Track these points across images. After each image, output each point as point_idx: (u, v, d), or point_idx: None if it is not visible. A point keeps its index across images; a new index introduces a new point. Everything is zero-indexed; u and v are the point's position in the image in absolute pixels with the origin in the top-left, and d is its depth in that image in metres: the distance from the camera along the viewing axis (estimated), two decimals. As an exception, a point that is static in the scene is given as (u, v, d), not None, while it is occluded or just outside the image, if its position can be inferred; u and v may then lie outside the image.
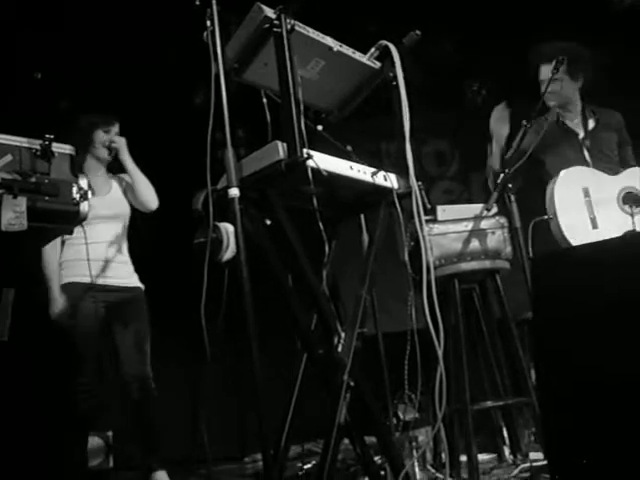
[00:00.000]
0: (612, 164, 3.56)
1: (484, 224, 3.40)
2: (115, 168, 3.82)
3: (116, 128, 3.74)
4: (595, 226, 3.41)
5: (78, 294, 3.50)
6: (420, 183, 2.42)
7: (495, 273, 3.48)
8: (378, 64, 2.59)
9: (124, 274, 3.69)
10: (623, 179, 3.47)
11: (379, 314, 3.47)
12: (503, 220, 3.43)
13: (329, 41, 2.43)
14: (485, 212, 3.35)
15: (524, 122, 3.29)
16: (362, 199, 2.59)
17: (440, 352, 2.29)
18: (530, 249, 3.17)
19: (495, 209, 3.39)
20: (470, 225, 3.38)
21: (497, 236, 3.40)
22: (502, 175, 3.19)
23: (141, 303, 3.70)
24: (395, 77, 2.50)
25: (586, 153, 3.59)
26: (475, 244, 3.37)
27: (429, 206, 2.50)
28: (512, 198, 3.23)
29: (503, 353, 3.61)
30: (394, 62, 2.51)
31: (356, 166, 2.37)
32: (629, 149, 3.71)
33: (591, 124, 3.66)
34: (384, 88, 2.58)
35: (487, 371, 3.73)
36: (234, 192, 2.05)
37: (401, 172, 2.47)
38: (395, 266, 3.04)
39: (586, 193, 3.46)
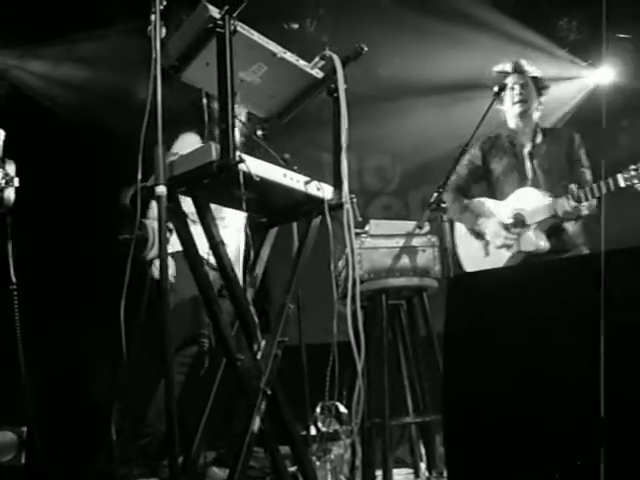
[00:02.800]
0: (557, 181, 3.56)
1: (415, 241, 3.43)
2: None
3: None
4: (487, 253, 3.55)
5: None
6: (353, 196, 2.43)
7: (422, 291, 3.52)
8: (321, 74, 2.59)
9: None
10: (513, 202, 3.58)
11: (306, 324, 3.47)
12: (434, 239, 3.47)
13: (273, 46, 2.42)
14: (417, 230, 3.39)
15: (461, 145, 3.37)
16: (295, 207, 2.58)
17: (360, 366, 2.30)
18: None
19: (427, 227, 3.43)
20: (402, 241, 3.41)
21: (427, 254, 3.44)
22: (435, 194, 3.23)
23: None
24: (336, 89, 2.50)
25: (529, 168, 3.67)
26: (405, 261, 3.39)
27: (360, 219, 2.51)
28: (444, 217, 3.28)
29: (426, 370, 3.64)
30: (337, 73, 2.52)
31: (290, 174, 2.36)
32: (584, 172, 3.62)
33: (539, 138, 3.72)
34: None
35: (410, 387, 3.75)
36: (161, 190, 2.02)
37: (336, 184, 2.47)
38: (326, 277, 3.04)
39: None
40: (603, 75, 6.03)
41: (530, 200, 3.52)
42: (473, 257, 3.54)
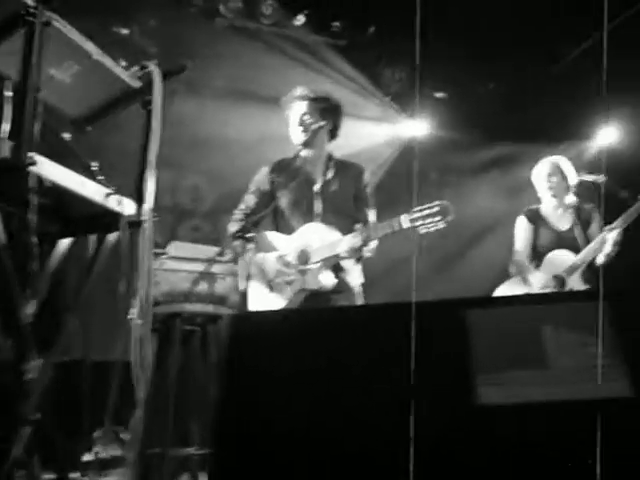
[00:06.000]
0: (345, 219, 3.48)
1: (216, 268, 3.37)
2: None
3: None
4: (272, 289, 3.41)
5: None
6: (155, 214, 2.33)
7: (218, 319, 3.46)
8: (139, 84, 2.48)
9: None
10: (298, 238, 3.43)
11: (95, 340, 3.31)
12: (236, 267, 3.42)
13: (90, 47, 2.28)
14: (218, 256, 3.32)
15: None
16: (93, 219, 2.43)
17: (141, 394, 2.20)
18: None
19: (229, 255, 3.37)
20: (203, 267, 3.33)
21: (227, 282, 3.39)
22: (242, 223, 3.20)
23: None
24: (151, 102, 2.40)
25: (318, 205, 3.52)
26: (203, 287, 3.33)
27: (159, 239, 2.41)
28: (248, 247, 3.23)
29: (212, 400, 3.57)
30: (154, 86, 2.42)
31: (90, 183, 2.21)
32: (369, 214, 3.56)
33: (330, 173, 3.57)
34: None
35: (197, 415, 3.66)
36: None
37: (137, 200, 2.36)
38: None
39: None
40: (418, 128, 6.36)
41: (316, 236, 3.37)
42: (256, 292, 3.42)
